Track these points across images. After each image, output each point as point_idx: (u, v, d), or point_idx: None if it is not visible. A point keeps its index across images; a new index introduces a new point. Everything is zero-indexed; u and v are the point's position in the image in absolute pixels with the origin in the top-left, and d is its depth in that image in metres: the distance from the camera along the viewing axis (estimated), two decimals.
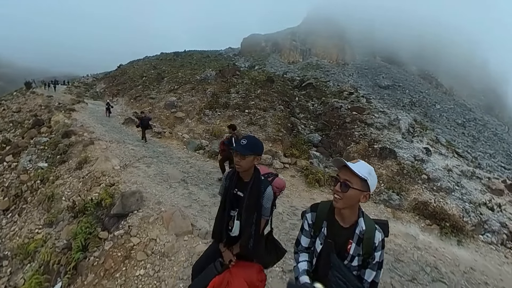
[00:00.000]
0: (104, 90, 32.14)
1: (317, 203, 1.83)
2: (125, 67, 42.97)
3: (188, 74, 25.28)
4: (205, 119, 14.41)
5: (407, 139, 12.56)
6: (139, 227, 4.46)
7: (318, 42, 49.11)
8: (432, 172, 9.56)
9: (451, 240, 6.36)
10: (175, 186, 6.76)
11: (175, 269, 3.79)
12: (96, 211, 4.97)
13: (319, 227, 1.73)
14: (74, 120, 14.01)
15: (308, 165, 9.70)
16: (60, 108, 17.19)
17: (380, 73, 43.33)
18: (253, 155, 2.03)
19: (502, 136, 35.14)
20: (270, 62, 46.65)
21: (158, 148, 10.87)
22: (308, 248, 1.83)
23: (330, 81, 35.97)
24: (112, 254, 3.89)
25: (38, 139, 10.96)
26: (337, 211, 1.68)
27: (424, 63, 50.56)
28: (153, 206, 5.22)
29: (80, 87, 36.44)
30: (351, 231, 1.63)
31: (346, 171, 1.57)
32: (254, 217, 2.06)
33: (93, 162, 7.61)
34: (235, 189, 2.16)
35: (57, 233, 4.99)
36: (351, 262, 1.61)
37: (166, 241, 4.25)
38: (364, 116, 14.24)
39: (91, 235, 4.27)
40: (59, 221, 5.29)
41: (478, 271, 5.30)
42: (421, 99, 37.49)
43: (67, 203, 5.60)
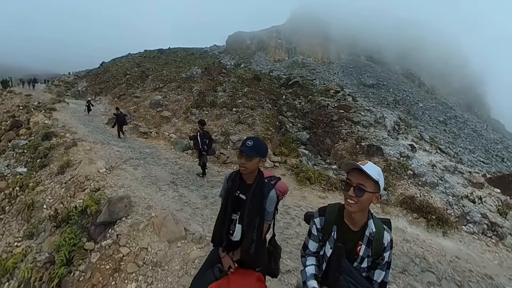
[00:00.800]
0: (86, 89, 30.79)
1: (325, 207, 1.77)
2: (107, 65, 41.35)
3: (173, 72, 24.56)
4: (192, 118, 13.99)
5: (393, 137, 12.81)
6: (129, 235, 4.15)
7: (303, 41, 49.18)
8: (417, 167, 9.78)
9: (437, 231, 6.56)
10: (164, 188, 6.44)
11: (169, 279, 3.53)
12: (80, 219, 4.59)
13: (329, 232, 1.69)
14: (55, 120, 13.26)
15: (298, 163, 9.61)
16: (39, 108, 16.22)
17: (365, 72, 44.06)
18: (258, 157, 1.93)
19: (481, 133, 36.80)
20: (256, 60, 46.30)
21: (145, 149, 10.42)
22: (315, 253, 1.78)
23: (316, 79, 36.21)
24: (99, 267, 3.57)
25: (17, 142, 10.25)
26: (347, 215, 1.64)
27: (407, 63, 52.01)
28: (142, 212, 4.92)
29: (61, 86, 34.74)
30: (361, 234, 1.61)
31: (359, 175, 1.51)
32: (256, 221, 1.96)
33: (76, 166, 7.14)
34: (238, 191, 2.05)
35: (38, 246, 4.56)
36: (361, 264, 1.60)
37: (158, 249, 3.98)
38: (350, 114, 14.35)
39: (76, 247, 3.92)
40: (40, 232, 4.85)
41: (462, 260, 5.50)
42: (404, 98, 38.53)
43: (49, 212, 5.17)
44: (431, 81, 51.43)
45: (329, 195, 7.80)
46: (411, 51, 53.62)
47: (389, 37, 54.13)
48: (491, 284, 4.90)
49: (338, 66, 46.58)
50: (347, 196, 1.53)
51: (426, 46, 55.74)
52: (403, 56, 52.12)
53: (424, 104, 38.81)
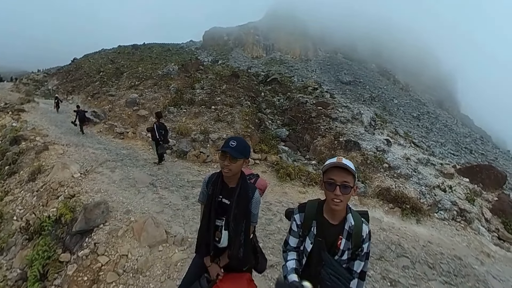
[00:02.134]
0: (57, 87, 28.91)
1: (304, 203, 1.78)
2: (79, 61, 38.96)
3: (149, 69, 23.64)
4: (170, 116, 13.58)
5: (369, 132, 13.26)
6: (107, 243, 3.98)
7: (281, 38, 49.04)
8: (393, 161, 10.20)
9: (411, 219, 6.89)
10: (143, 191, 6.23)
11: (151, 285, 3.45)
12: (54, 229, 4.33)
13: (309, 227, 1.70)
14: (24, 122, 12.35)
15: (278, 160, 9.68)
16: (6, 109, 15.00)
17: (342, 69, 44.74)
18: (243, 158, 1.82)
19: (451, 127, 38.96)
20: (234, 57, 45.62)
21: (121, 150, 9.99)
22: (296, 248, 1.79)
23: (294, 76, 36.37)
24: (76, 279, 3.40)
25: None
26: (326, 210, 1.66)
27: (382, 61, 53.57)
28: (121, 217, 4.73)
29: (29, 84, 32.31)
30: (340, 228, 1.62)
31: (341, 172, 1.51)
32: (243, 225, 1.89)
33: (48, 171, 6.70)
34: (220, 196, 1.93)
35: (8, 262, 4.23)
36: (341, 257, 1.62)
37: (139, 255, 3.86)
38: (328, 111, 14.64)
39: (50, 260, 3.70)
40: (10, 247, 4.50)
41: (434, 244, 5.83)
42: (380, 94, 39.64)
43: (20, 224, 4.82)
44: (405, 79, 53.48)
45: (309, 190, 7.93)
46: (385, 49, 55.32)
47: (364, 35, 55.39)
48: (460, 264, 5.23)
49: (316, 63, 47.01)
50: (333, 197, 1.51)
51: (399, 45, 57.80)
52: (378, 54, 53.64)
53: (399, 101, 40.33)
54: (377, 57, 53.62)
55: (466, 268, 5.15)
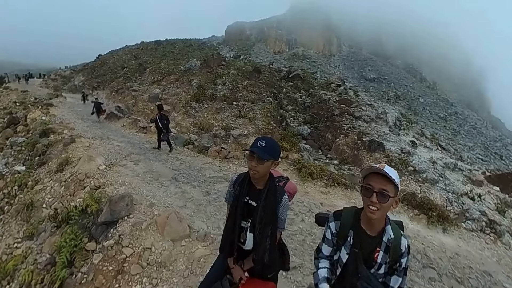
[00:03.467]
0: (83, 83, 30.47)
1: (340, 211, 1.73)
2: (104, 58, 40.77)
3: (171, 65, 24.25)
4: (191, 112, 13.83)
5: (394, 132, 12.89)
6: (131, 235, 4.06)
7: (304, 32, 48.18)
8: (418, 164, 9.91)
9: (437, 228, 6.64)
10: (166, 184, 6.33)
11: (174, 280, 3.46)
12: (81, 219, 4.50)
13: (344, 236, 1.65)
14: (53, 116, 13.07)
15: (300, 158, 9.54)
16: (36, 104, 16.02)
17: (366, 66, 43.32)
18: (271, 159, 1.77)
19: (480, 130, 36.58)
20: (256, 52, 45.58)
21: (144, 144, 10.30)
22: (329, 256, 1.76)
23: (317, 72, 35.77)
24: (102, 269, 3.49)
25: (14, 140, 10.10)
26: (364, 220, 1.61)
27: (408, 57, 51.18)
28: (145, 210, 4.82)
29: (57, 80, 34.38)
30: (378, 239, 1.58)
31: (380, 179, 1.45)
32: (269, 230, 1.84)
33: (75, 163, 7.01)
34: (247, 197, 1.91)
35: (38, 247, 4.48)
36: (378, 270, 1.58)
37: (162, 249, 3.90)
38: (352, 109, 14.33)
39: (77, 248, 3.84)
40: (40, 233, 4.76)
41: (462, 256, 5.55)
42: (405, 93, 38.00)
43: (49, 212, 5.08)
44: (432, 76, 50.83)
45: (331, 191, 7.76)
46: (412, 45, 52.70)
47: (390, 29, 53.14)
48: (490, 281, 4.96)
49: (339, 58, 45.79)
50: (369, 203, 1.47)
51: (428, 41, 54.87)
52: (404, 50, 51.23)
53: (425, 100, 38.46)
54: (403, 53, 51.23)
55: (496, 286, 4.90)
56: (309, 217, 5.56)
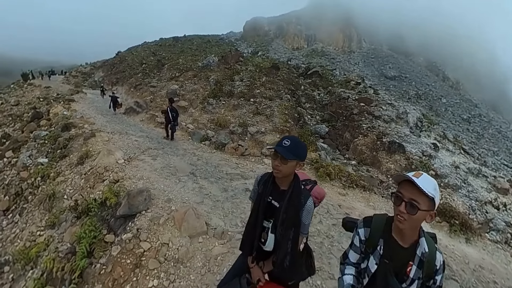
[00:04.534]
0: (102, 79, 31.58)
1: (370, 217, 1.67)
2: (123, 54, 42.04)
3: (189, 61, 24.59)
4: (209, 108, 13.92)
5: (415, 134, 12.61)
6: (149, 229, 4.11)
7: (324, 28, 47.27)
8: (440, 168, 9.71)
9: (460, 237, 6.43)
10: (184, 180, 6.39)
11: (192, 277, 3.46)
12: (100, 211, 4.62)
13: (374, 245, 1.59)
14: (74, 111, 13.64)
15: (317, 157, 9.39)
16: (58, 100, 16.80)
17: (387, 63, 41.96)
18: (295, 160, 1.72)
19: (506, 134, 34.49)
20: (274, 48, 45.33)
21: (162, 139, 10.49)
22: (355, 264, 1.71)
23: (336, 69, 35.14)
24: (120, 261, 3.55)
25: (38, 133, 10.60)
26: (396, 229, 1.53)
27: (431, 54, 48.93)
28: (162, 205, 4.88)
29: (78, 77, 35.87)
30: (411, 252, 1.49)
31: (411, 188, 1.37)
32: (291, 233, 1.79)
33: (95, 156, 7.25)
34: (270, 197, 1.88)
35: (60, 235, 4.66)
36: (410, 286, 1.49)
37: (179, 245, 3.91)
38: (371, 108, 14.07)
39: (96, 239, 3.94)
40: (61, 222, 4.95)
41: (486, 270, 5.32)
42: (427, 92, 36.50)
43: (69, 203, 5.27)
44: (456, 75, 48.24)
45: (350, 192, 7.59)
46: (435, 41, 50.17)
47: (413, 24, 50.99)
48: None
49: (359, 55, 44.62)
50: (397, 212, 1.42)
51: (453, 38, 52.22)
52: (427, 47, 48.93)
53: (448, 100, 36.68)
54: (425, 50, 48.94)
55: None
56: (327, 219, 5.45)
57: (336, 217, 5.56)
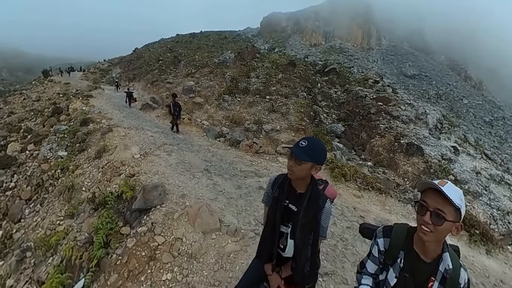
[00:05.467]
0: (120, 75, 32.48)
1: (390, 227, 1.61)
2: (140, 51, 43.11)
3: (205, 57, 24.85)
4: (224, 105, 14.06)
5: (435, 136, 12.32)
6: (163, 224, 4.23)
7: (342, 23, 46.47)
8: (460, 173, 9.42)
9: (480, 248, 6.22)
10: (198, 176, 6.51)
11: (205, 273, 3.53)
12: (116, 204, 4.81)
13: (394, 257, 1.53)
14: (92, 106, 14.13)
15: (333, 157, 9.31)
16: (77, 95, 17.46)
17: (407, 61, 40.82)
18: (311, 162, 1.65)
19: None
20: (291, 44, 45.09)
21: (178, 135, 10.71)
22: (373, 274, 1.67)
23: (354, 67, 34.60)
24: (135, 253, 3.69)
25: (58, 127, 11.09)
26: (418, 241, 1.47)
27: (453, 52, 46.85)
28: (177, 200, 4.99)
29: (96, 73, 37.10)
30: (434, 267, 1.43)
31: (437, 197, 1.32)
32: (311, 238, 1.77)
33: (112, 151, 7.51)
34: (286, 201, 1.82)
35: (78, 225, 4.91)
36: None
37: (193, 241, 4.00)
38: (389, 108, 13.80)
39: (113, 231, 4.11)
40: (80, 213, 5.20)
41: (508, 285, 5.10)
42: (448, 92, 35.23)
43: (87, 195, 5.51)
44: (479, 75, 45.87)
45: (365, 195, 7.46)
46: (457, 39, 48.01)
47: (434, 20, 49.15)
48: None
49: (378, 52, 43.56)
50: (421, 222, 1.35)
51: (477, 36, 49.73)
52: (449, 44, 46.82)
53: (469, 101, 35.18)
54: (447, 48, 46.84)
55: None
56: (341, 221, 5.39)
57: (351, 220, 5.49)
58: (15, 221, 6.25)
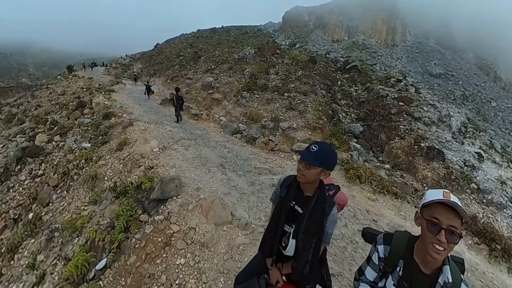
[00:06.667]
0: (141, 71, 33.71)
1: (391, 234, 1.63)
2: (161, 46, 44.45)
3: (225, 53, 25.35)
4: (242, 101, 14.40)
5: (458, 140, 12.00)
6: (179, 214, 4.61)
7: (366, 18, 45.26)
8: (483, 182, 9.21)
9: (501, 265, 6.01)
10: (213, 171, 6.86)
11: (215, 261, 3.85)
12: (136, 193, 5.25)
13: (393, 265, 1.55)
14: (114, 101, 14.91)
15: (349, 158, 9.37)
16: (100, 90, 18.42)
17: (432, 59, 38.95)
18: (321, 167, 1.73)
19: None
20: (313, 40, 44.68)
21: (195, 130, 11.17)
22: (372, 282, 1.68)
23: (376, 64, 33.85)
24: (152, 238, 4.08)
25: (82, 120, 11.88)
26: (419, 252, 1.47)
27: (482, 50, 43.78)
28: (192, 193, 5.36)
29: (118, 68, 38.65)
30: (433, 279, 1.43)
31: (449, 213, 1.30)
32: (313, 242, 1.84)
33: (132, 144, 8.04)
34: (293, 202, 1.93)
35: (101, 211, 5.43)
36: None
37: (205, 231, 4.34)
38: (411, 108, 13.64)
39: (132, 218, 4.54)
40: (102, 200, 5.73)
41: None
42: (475, 93, 33.30)
43: (109, 184, 6.03)
44: (509, 76, 42.90)
45: (380, 198, 7.47)
46: (487, 37, 44.94)
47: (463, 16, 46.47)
48: None
49: (403, 49, 41.95)
50: (435, 241, 1.31)
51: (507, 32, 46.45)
52: (478, 41, 44.03)
53: (498, 104, 33.03)
54: (476, 45, 43.81)
55: None
56: (353, 223, 5.49)
57: (363, 223, 5.59)
58: (44, 205, 6.95)
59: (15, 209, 7.58)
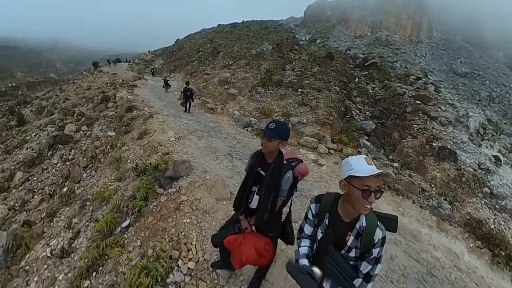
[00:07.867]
0: (162, 66, 35.65)
1: (322, 195, 2.08)
2: (182, 42, 46.44)
3: (244, 48, 26.47)
4: (256, 97, 15.43)
5: (475, 142, 11.95)
6: (187, 188, 5.76)
7: (391, 13, 44.51)
8: (498, 187, 9.14)
9: (504, 272, 6.09)
10: (221, 158, 7.97)
11: (213, 223, 4.93)
12: (154, 172, 6.47)
13: (322, 218, 2.00)
14: (136, 95, 16.45)
15: (355, 153, 9.98)
16: (123, 85, 20.13)
17: (459, 57, 37.63)
18: (278, 139, 2.36)
19: None
20: (334, 35, 44.75)
21: (209, 123, 12.38)
22: (310, 236, 2.14)
23: (397, 61, 33.61)
24: (166, 205, 5.26)
25: (106, 113, 13.44)
26: (342, 206, 1.91)
27: None
28: (199, 174, 6.48)
29: (140, 64, 40.91)
30: (351, 225, 1.86)
31: (376, 179, 1.68)
32: (271, 196, 2.50)
33: (151, 134, 9.33)
34: (259, 167, 2.59)
35: (124, 186, 6.73)
36: (348, 253, 1.87)
37: (208, 202, 5.43)
38: (428, 107, 13.80)
39: (150, 190, 5.74)
40: (126, 178, 7.05)
41: None
42: (503, 95, 31.74)
43: (132, 165, 7.32)
44: None
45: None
46: None
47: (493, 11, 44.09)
48: None
49: (428, 46, 40.66)
50: (366, 203, 1.68)
51: None
52: (509, 39, 41.64)
53: None
54: (506, 43, 41.17)
55: None
56: None
57: None
58: (76, 182, 8.44)
59: (49, 186, 9.18)
